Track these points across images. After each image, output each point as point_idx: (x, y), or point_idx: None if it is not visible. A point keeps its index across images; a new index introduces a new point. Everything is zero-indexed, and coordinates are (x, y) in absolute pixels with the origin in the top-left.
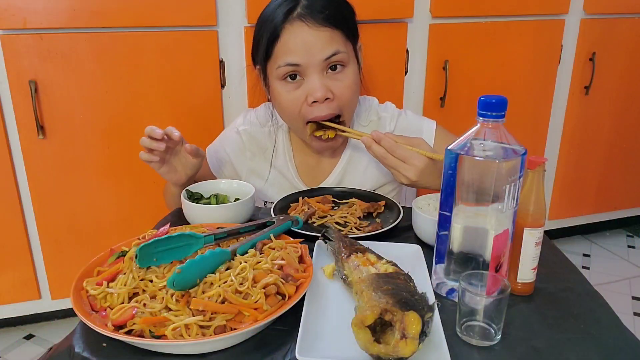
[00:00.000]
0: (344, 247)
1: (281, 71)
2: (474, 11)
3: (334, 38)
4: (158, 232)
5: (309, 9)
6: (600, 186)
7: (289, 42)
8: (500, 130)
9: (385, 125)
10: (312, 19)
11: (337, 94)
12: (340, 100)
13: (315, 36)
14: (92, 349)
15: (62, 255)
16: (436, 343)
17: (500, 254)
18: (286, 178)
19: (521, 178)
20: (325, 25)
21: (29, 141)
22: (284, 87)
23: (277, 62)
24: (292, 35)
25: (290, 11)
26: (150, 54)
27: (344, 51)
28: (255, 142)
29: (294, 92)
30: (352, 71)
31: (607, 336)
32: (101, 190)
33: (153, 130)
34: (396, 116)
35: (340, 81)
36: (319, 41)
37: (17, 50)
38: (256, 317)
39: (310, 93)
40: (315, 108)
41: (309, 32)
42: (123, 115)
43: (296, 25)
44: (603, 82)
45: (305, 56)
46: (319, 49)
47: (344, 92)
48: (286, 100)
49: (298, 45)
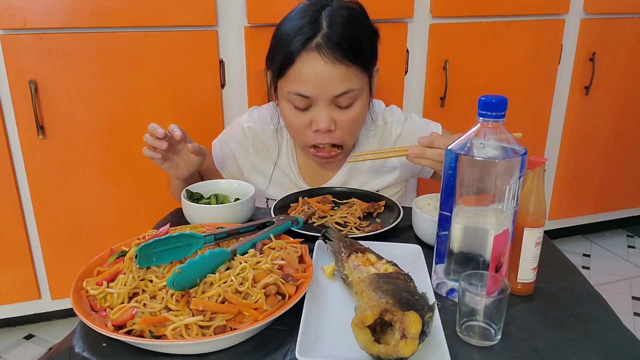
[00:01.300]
0: (344, 247)
1: (290, 97)
2: (474, 11)
3: (348, 75)
4: (158, 232)
5: (328, 39)
6: (600, 186)
7: (302, 71)
8: (500, 130)
9: (392, 130)
10: (330, 51)
11: (340, 126)
12: (343, 132)
13: (330, 72)
14: (92, 349)
15: (62, 255)
16: (436, 343)
17: (500, 254)
18: (289, 177)
19: (521, 178)
20: (341, 62)
21: (29, 141)
22: (292, 110)
23: (288, 87)
24: (307, 65)
25: (309, 39)
26: (150, 54)
27: (356, 88)
28: (258, 140)
29: (300, 117)
30: (361, 104)
31: (607, 336)
32: (101, 190)
33: (155, 129)
34: (402, 120)
35: (346, 114)
36: (333, 77)
37: (17, 50)
38: (256, 317)
39: (315, 122)
40: (318, 136)
41: (323, 66)
42: (123, 115)
43: (312, 56)
44: (603, 82)
45: (317, 90)
46: (332, 85)
47: (347, 125)
48: (291, 121)
49: (311, 77)
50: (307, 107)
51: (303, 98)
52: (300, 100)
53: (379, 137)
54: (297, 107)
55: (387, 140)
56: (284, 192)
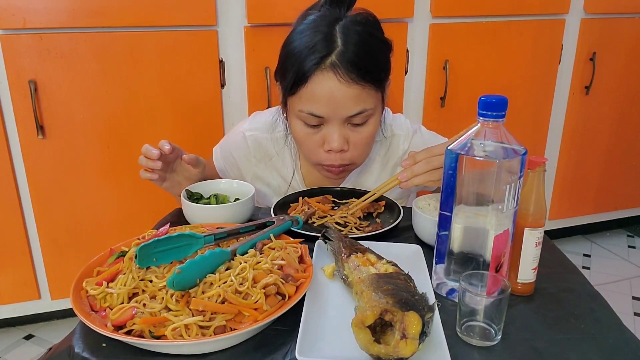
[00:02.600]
0: (344, 247)
1: (302, 116)
2: (474, 11)
3: (363, 96)
4: (158, 232)
5: (343, 58)
6: (600, 186)
7: (315, 90)
8: (500, 130)
9: (399, 144)
10: (345, 72)
11: (353, 145)
12: (355, 152)
13: (344, 92)
14: (91, 349)
15: (62, 256)
16: (436, 343)
17: (500, 254)
18: (292, 188)
19: (521, 178)
20: (357, 82)
21: (28, 141)
22: (303, 128)
23: (301, 105)
24: (320, 85)
25: (323, 58)
26: (150, 54)
27: (371, 107)
28: (261, 149)
29: (312, 135)
30: (374, 122)
31: (607, 336)
32: (101, 191)
33: (149, 151)
34: (411, 134)
35: (359, 133)
36: (347, 98)
37: (17, 50)
38: (256, 317)
39: (327, 142)
40: (330, 156)
41: (338, 87)
42: (123, 115)
43: (327, 75)
44: (603, 82)
45: (330, 110)
46: (346, 105)
47: (360, 144)
48: (303, 140)
49: (325, 97)
50: (319, 125)
51: (315, 118)
52: (312, 119)
53: (386, 149)
54: (308, 125)
55: (394, 154)
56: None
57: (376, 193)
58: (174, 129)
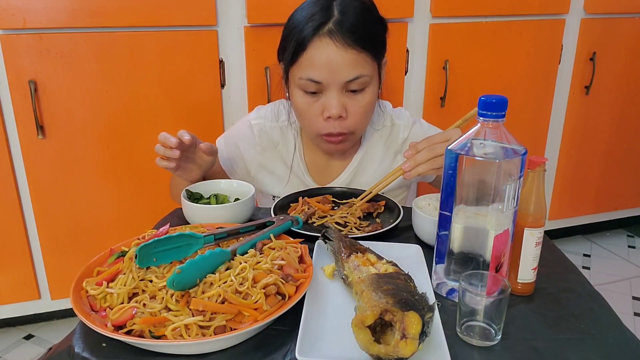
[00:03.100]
0: (344, 247)
1: (302, 83)
2: (474, 11)
3: (359, 61)
4: (158, 232)
5: (340, 26)
6: (600, 186)
7: (314, 56)
8: (500, 130)
9: (399, 133)
10: (341, 37)
11: (351, 113)
12: (354, 120)
13: (341, 57)
14: (91, 349)
15: (62, 256)
16: (436, 343)
17: (500, 254)
18: (296, 175)
19: (521, 178)
20: (353, 47)
21: (28, 141)
22: (303, 97)
23: (300, 73)
24: (319, 51)
25: (321, 25)
26: (150, 54)
27: (367, 74)
28: (266, 137)
29: (312, 104)
30: (371, 92)
31: (607, 336)
32: (101, 190)
33: (167, 139)
34: (410, 124)
35: (357, 101)
36: (344, 62)
37: (17, 50)
38: (256, 317)
39: (326, 109)
40: (329, 124)
41: (335, 52)
42: (123, 115)
43: (324, 41)
44: (603, 82)
45: (328, 75)
46: (343, 70)
47: (358, 112)
48: (303, 109)
49: (322, 62)
50: (318, 93)
51: (314, 84)
52: (312, 85)
53: (386, 138)
54: (308, 93)
55: (394, 142)
56: (292, 190)
57: (381, 184)
58: (174, 128)
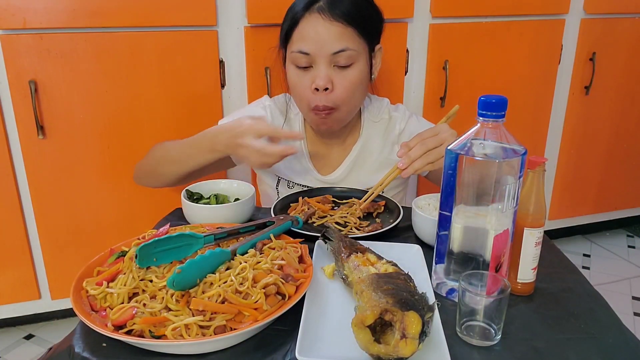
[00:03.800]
0: (344, 247)
1: (294, 56)
2: (474, 11)
3: (345, 35)
4: (158, 232)
5: (329, 3)
6: (600, 186)
7: (304, 30)
8: (500, 130)
9: (396, 124)
10: (329, 12)
11: (337, 86)
12: (339, 93)
13: (328, 29)
14: (92, 349)
15: (62, 255)
16: (436, 343)
17: (500, 254)
18: (299, 161)
19: (521, 178)
20: (338, 21)
21: (29, 141)
22: (295, 71)
23: (292, 47)
24: (308, 25)
25: (312, 2)
26: (150, 54)
27: (354, 49)
28: (277, 120)
29: (302, 78)
30: (359, 70)
31: (607, 336)
32: (101, 190)
33: (291, 149)
34: (407, 117)
35: (343, 76)
36: (330, 35)
37: (17, 50)
38: (256, 317)
39: (313, 80)
40: (317, 96)
41: (322, 25)
42: (123, 115)
43: (314, 16)
44: (603, 82)
45: (316, 47)
46: (329, 42)
47: (344, 87)
48: (295, 83)
49: (311, 35)
50: (308, 66)
51: (304, 55)
52: (302, 57)
53: (384, 130)
54: (300, 68)
55: (392, 133)
56: (294, 175)
57: (381, 185)
58: (174, 128)
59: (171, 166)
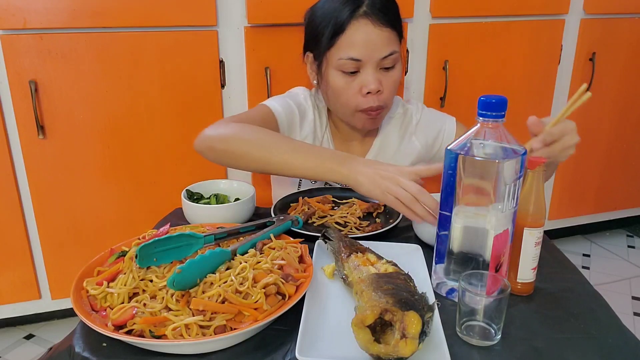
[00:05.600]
0: (344, 247)
1: (342, 63)
2: (474, 11)
3: (392, 39)
4: (158, 232)
5: (373, 7)
6: (600, 186)
7: (353, 36)
8: (500, 130)
9: (413, 116)
10: (377, 17)
11: (385, 87)
12: (387, 94)
13: (378, 35)
14: (92, 349)
15: (62, 255)
16: (436, 343)
17: (500, 254)
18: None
19: (521, 178)
20: (387, 26)
21: (29, 141)
22: (342, 77)
23: (340, 54)
24: (357, 31)
25: (356, 8)
26: (150, 54)
27: (398, 52)
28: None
29: (350, 83)
30: (399, 70)
31: (607, 336)
32: (101, 190)
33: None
34: (421, 109)
35: (389, 77)
36: (381, 40)
37: (17, 50)
38: (256, 317)
39: (365, 85)
40: (369, 99)
41: (373, 30)
42: (123, 115)
43: (362, 22)
44: (603, 82)
45: (367, 53)
46: (380, 47)
47: (390, 87)
48: (341, 88)
49: (362, 41)
50: (355, 71)
51: (354, 62)
52: (351, 64)
53: (401, 122)
54: (346, 74)
55: (409, 125)
56: None
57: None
58: (174, 129)
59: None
